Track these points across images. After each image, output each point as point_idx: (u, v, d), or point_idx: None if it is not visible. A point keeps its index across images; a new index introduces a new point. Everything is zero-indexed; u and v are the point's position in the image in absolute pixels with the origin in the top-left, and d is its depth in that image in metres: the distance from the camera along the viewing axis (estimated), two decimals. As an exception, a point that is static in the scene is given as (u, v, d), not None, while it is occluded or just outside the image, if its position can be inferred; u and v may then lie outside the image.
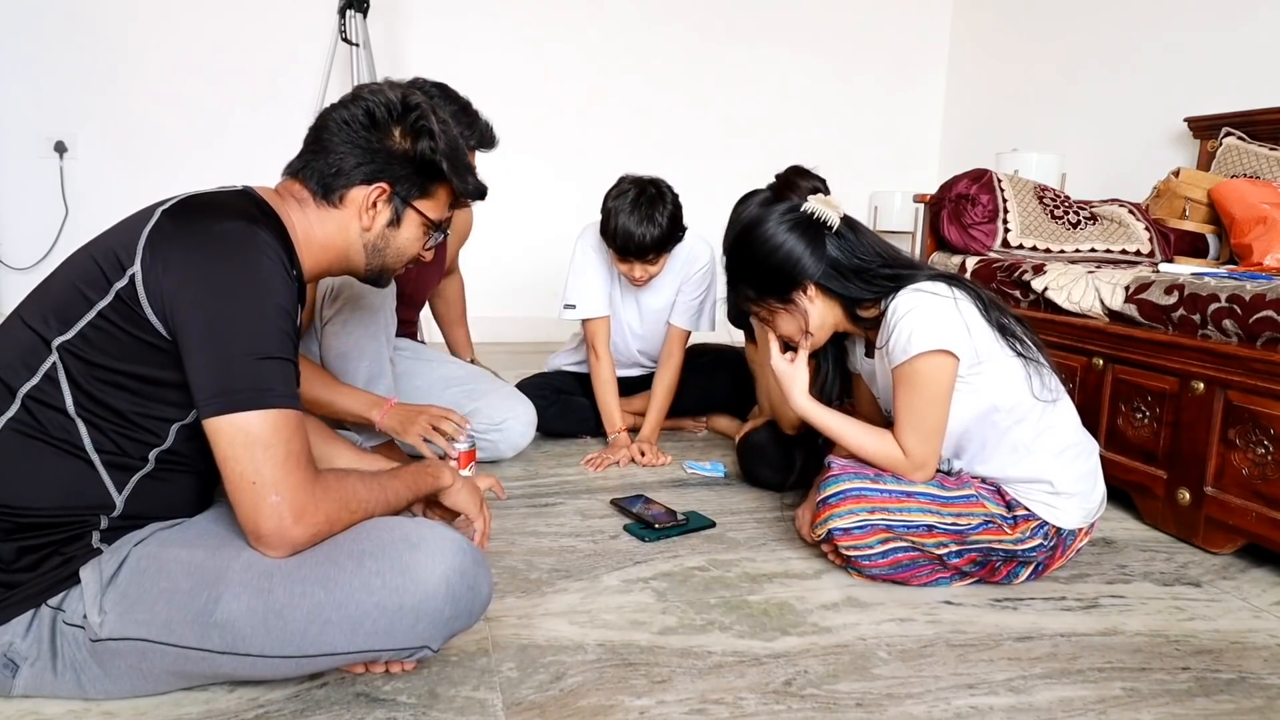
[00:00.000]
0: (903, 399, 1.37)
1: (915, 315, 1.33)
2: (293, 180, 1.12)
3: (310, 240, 1.10)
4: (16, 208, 3.42)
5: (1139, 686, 1.15)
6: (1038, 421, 1.40)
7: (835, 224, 1.42)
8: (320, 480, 0.97)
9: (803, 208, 1.43)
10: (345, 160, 1.09)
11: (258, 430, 0.92)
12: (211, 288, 0.93)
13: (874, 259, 1.42)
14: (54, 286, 0.99)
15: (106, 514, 0.97)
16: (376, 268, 1.18)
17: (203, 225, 0.96)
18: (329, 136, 1.10)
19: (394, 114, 1.11)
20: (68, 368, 0.94)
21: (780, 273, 1.42)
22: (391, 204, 1.13)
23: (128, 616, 0.93)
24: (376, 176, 1.10)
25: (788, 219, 1.43)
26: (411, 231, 1.17)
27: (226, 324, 0.93)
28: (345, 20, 3.21)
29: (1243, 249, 2.18)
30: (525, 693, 1.08)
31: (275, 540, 0.94)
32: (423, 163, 1.13)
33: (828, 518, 1.38)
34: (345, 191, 1.10)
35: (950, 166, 4.01)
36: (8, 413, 0.95)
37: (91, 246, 1.01)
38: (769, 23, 4.11)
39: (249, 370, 0.92)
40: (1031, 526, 1.39)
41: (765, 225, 1.44)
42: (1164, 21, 3.11)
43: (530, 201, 3.82)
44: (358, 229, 1.12)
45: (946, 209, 2.39)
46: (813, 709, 1.07)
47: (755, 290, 1.47)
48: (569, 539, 1.60)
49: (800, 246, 1.41)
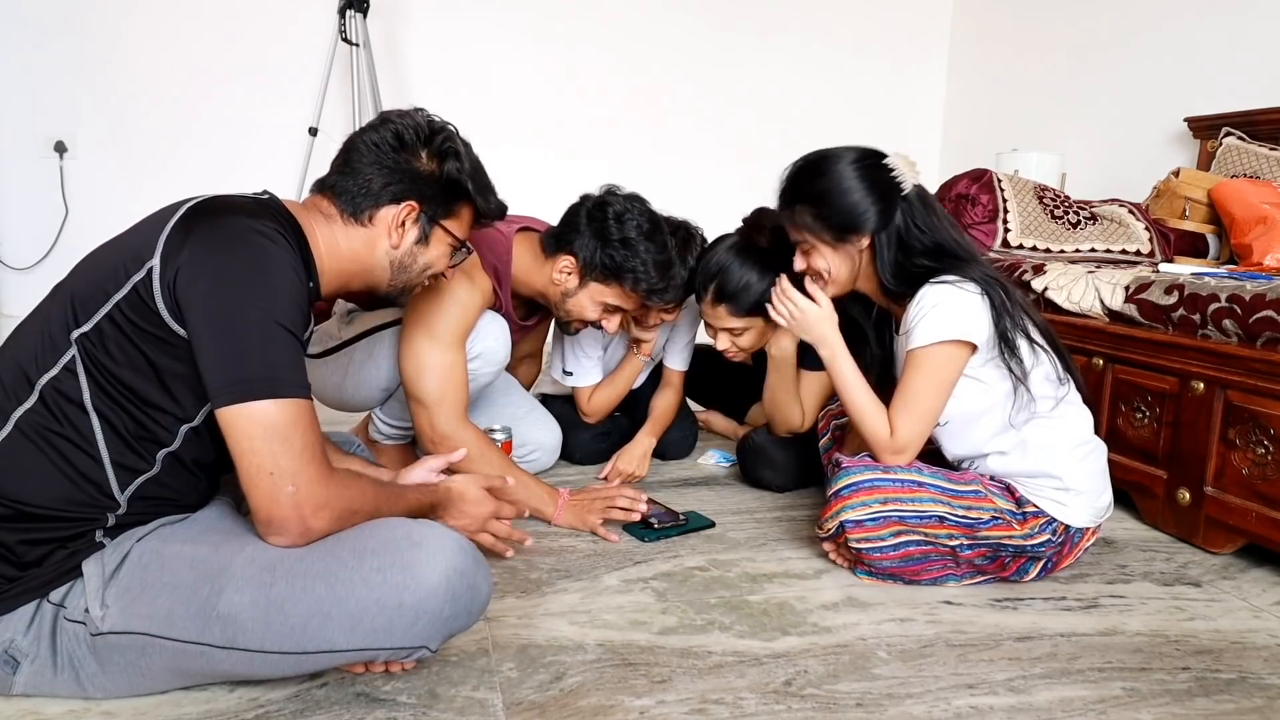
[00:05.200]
0: (907, 380, 1.38)
1: (942, 306, 1.34)
2: (320, 196, 1.16)
3: (335, 253, 1.14)
4: (16, 208, 3.42)
5: (1139, 686, 1.15)
6: (1050, 420, 1.40)
7: (909, 188, 1.41)
8: (335, 474, 1.00)
9: (886, 159, 1.42)
10: (374, 181, 1.14)
11: (275, 420, 0.93)
12: (225, 280, 0.95)
13: (932, 239, 1.41)
14: (78, 280, 1.01)
15: (111, 513, 0.98)
16: (400, 284, 1.23)
17: (222, 222, 0.99)
18: (358, 158, 1.15)
19: (421, 136, 1.17)
20: (86, 361, 0.96)
21: (844, 212, 1.41)
22: (419, 223, 1.18)
23: (130, 610, 0.93)
24: (405, 196, 1.15)
25: (868, 163, 1.42)
26: (439, 249, 1.23)
27: (239, 315, 0.94)
28: (345, 20, 3.21)
29: (1243, 249, 2.18)
30: (525, 693, 1.08)
31: (290, 528, 0.95)
32: (449, 183, 1.19)
33: (840, 510, 1.38)
34: (374, 211, 1.15)
35: (950, 166, 4.00)
36: (25, 405, 0.96)
37: (116, 242, 1.03)
38: (769, 23, 4.11)
39: (262, 360, 0.94)
40: (1040, 523, 1.39)
41: (842, 162, 1.42)
42: (1165, 21, 3.11)
43: (530, 202, 3.81)
44: (386, 246, 1.17)
45: (947, 209, 2.39)
46: (813, 709, 1.07)
47: (814, 217, 1.44)
48: (569, 539, 1.60)
49: (870, 198, 1.40)
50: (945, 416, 1.42)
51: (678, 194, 2.05)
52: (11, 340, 1.02)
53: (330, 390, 1.71)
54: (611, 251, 1.60)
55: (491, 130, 3.70)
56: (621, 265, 1.61)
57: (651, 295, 1.64)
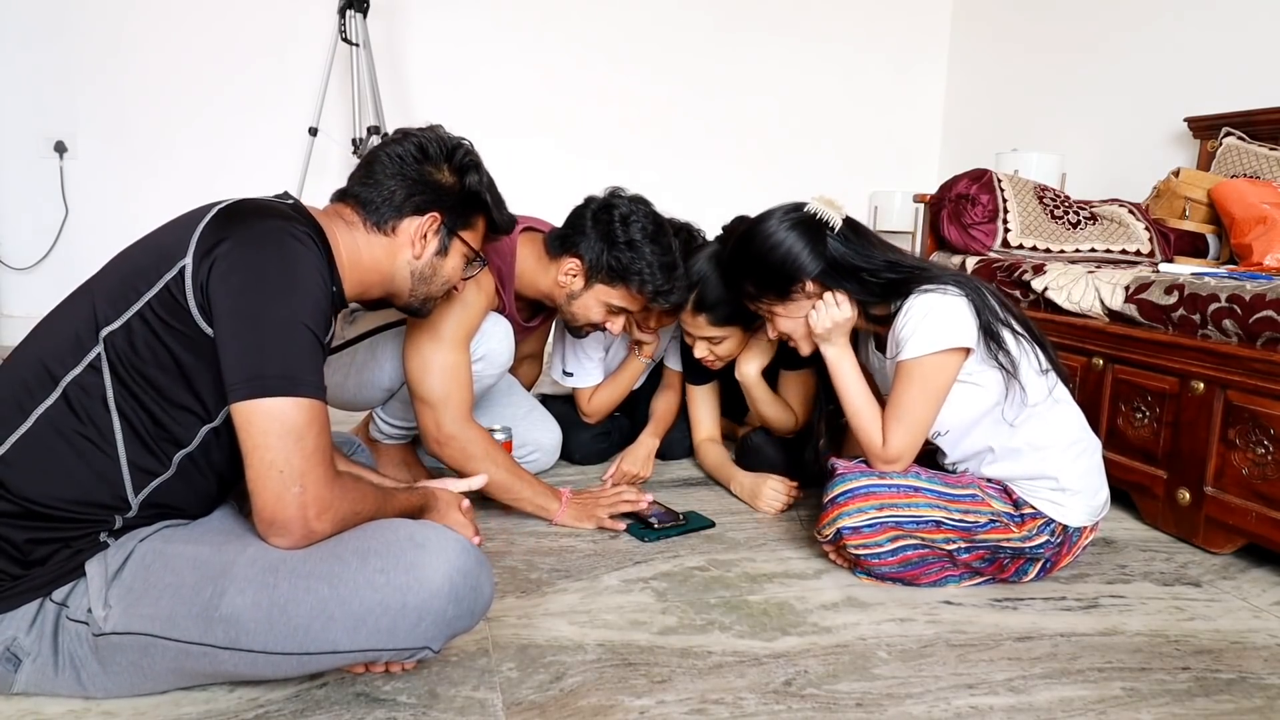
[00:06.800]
0: (900, 390, 1.38)
1: (932, 315, 1.35)
2: (343, 204, 1.19)
3: (357, 260, 1.15)
4: (16, 208, 3.42)
5: (1139, 686, 1.15)
6: (1043, 418, 1.41)
7: (837, 224, 1.44)
8: (340, 478, 1.01)
9: (805, 207, 1.45)
10: (397, 193, 1.17)
11: (291, 418, 0.94)
12: (253, 278, 0.96)
13: (876, 260, 1.43)
14: (107, 278, 1.02)
15: (121, 515, 0.98)
16: (421, 295, 1.25)
17: (256, 223, 1.00)
18: (381, 169, 1.18)
19: (444, 150, 1.21)
20: (111, 358, 0.96)
21: (779, 269, 1.44)
22: (440, 234, 1.21)
23: (132, 611, 0.93)
24: (429, 207, 1.19)
25: (789, 218, 1.46)
26: (456, 261, 1.26)
27: (264, 312, 0.95)
28: (345, 20, 3.21)
29: (1243, 249, 2.18)
30: (525, 693, 1.08)
31: (294, 529, 0.95)
32: (468, 195, 1.23)
33: (836, 517, 1.38)
34: (397, 221, 1.18)
35: (950, 166, 4.01)
36: (46, 402, 0.96)
37: (144, 242, 1.04)
38: (769, 22, 4.11)
39: (284, 357, 0.95)
40: (1038, 524, 1.40)
41: (767, 224, 1.47)
42: (1164, 21, 3.11)
43: (528, 202, 3.82)
44: (407, 256, 1.20)
45: (946, 209, 2.39)
46: (813, 709, 1.07)
47: (755, 287, 1.50)
48: (569, 539, 1.60)
49: (800, 244, 1.43)
50: (945, 426, 1.43)
51: (678, 192, 2.06)
52: (33, 337, 1.03)
53: (333, 390, 1.71)
54: (617, 254, 1.61)
55: (492, 130, 3.71)
56: (627, 267, 1.61)
57: (657, 297, 1.65)
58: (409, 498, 1.21)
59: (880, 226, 4.03)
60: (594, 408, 2.09)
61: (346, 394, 1.72)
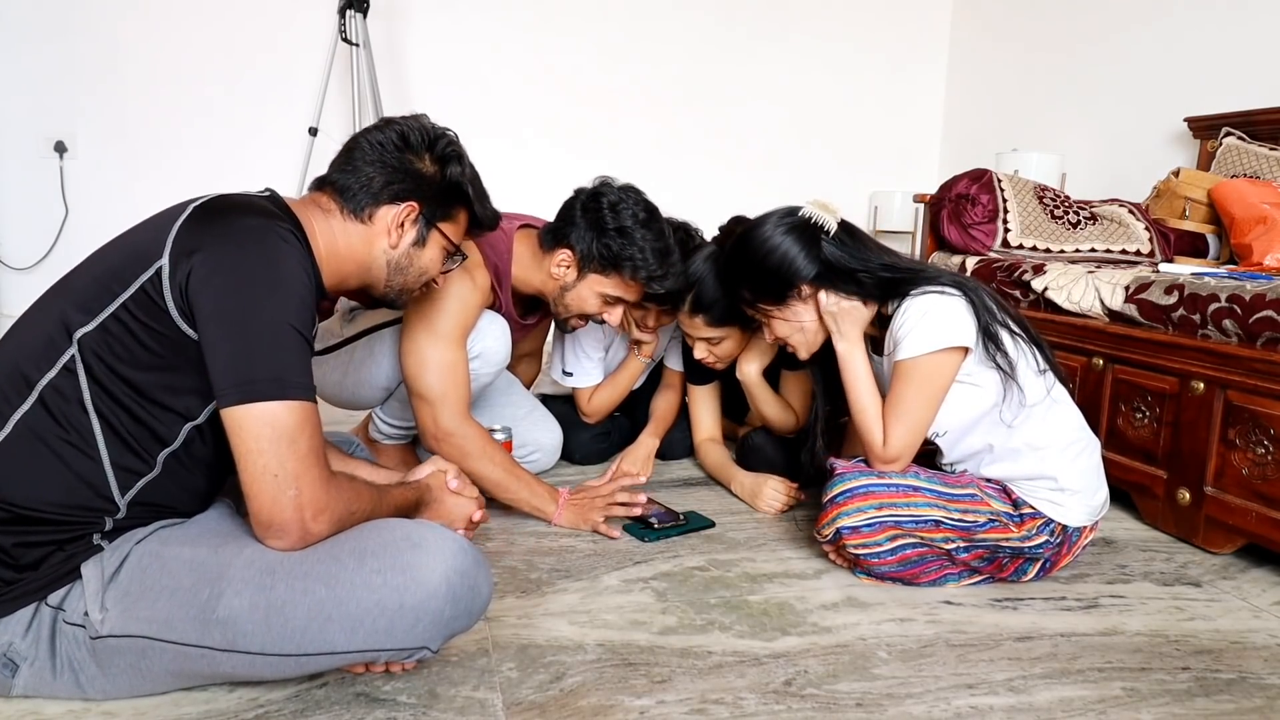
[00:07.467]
0: (899, 390, 1.38)
1: (931, 315, 1.35)
2: (320, 192, 1.16)
3: (333, 249, 1.13)
4: (16, 208, 3.42)
5: (1139, 686, 1.15)
6: (1041, 418, 1.41)
7: (832, 228, 1.44)
8: (335, 478, 1.00)
9: (800, 212, 1.45)
10: (376, 179, 1.14)
11: (283, 422, 0.93)
12: (236, 279, 0.95)
13: (872, 262, 1.43)
14: (79, 279, 1.00)
15: (110, 516, 0.98)
16: (397, 286, 1.22)
17: (231, 220, 0.98)
18: (360, 156, 1.15)
19: (425, 139, 1.18)
20: (86, 360, 0.95)
21: (775, 274, 1.44)
22: (418, 225, 1.18)
23: (129, 614, 0.93)
24: (406, 196, 1.16)
25: (784, 223, 1.46)
26: (434, 253, 1.23)
27: (250, 315, 0.94)
28: (345, 20, 3.21)
29: (1243, 249, 2.18)
30: (525, 693, 1.08)
31: (291, 531, 0.95)
32: (449, 186, 1.20)
33: (836, 517, 1.38)
34: (374, 209, 1.15)
35: (950, 166, 4.01)
36: (22, 407, 0.95)
37: (119, 241, 1.02)
38: (769, 22, 4.11)
39: (272, 360, 0.94)
40: (1038, 524, 1.40)
41: (762, 229, 1.47)
42: (1164, 21, 3.11)
43: (527, 202, 3.81)
44: (384, 245, 1.17)
45: (946, 209, 2.39)
46: (813, 709, 1.07)
47: (751, 292, 1.50)
48: (569, 539, 1.60)
49: (795, 248, 1.43)
50: (943, 426, 1.43)
51: (678, 192, 2.05)
52: (7, 340, 1.01)
53: (331, 388, 1.71)
54: (608, 241, 1.60)
55: (492, 130, 3.72)
56: (619, 254, 1.60)
57: (651, 282, 1.63)
58: (404, 493, 1.20)
59: (880, 227, 4.03)
60: (594, 408, 2.09)
61: (345, 392, 1.72)
